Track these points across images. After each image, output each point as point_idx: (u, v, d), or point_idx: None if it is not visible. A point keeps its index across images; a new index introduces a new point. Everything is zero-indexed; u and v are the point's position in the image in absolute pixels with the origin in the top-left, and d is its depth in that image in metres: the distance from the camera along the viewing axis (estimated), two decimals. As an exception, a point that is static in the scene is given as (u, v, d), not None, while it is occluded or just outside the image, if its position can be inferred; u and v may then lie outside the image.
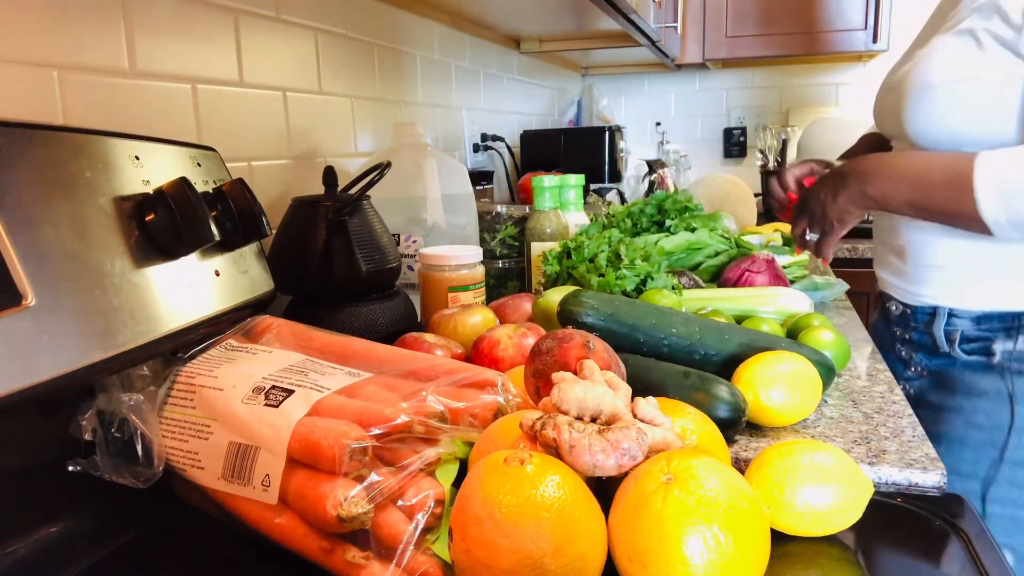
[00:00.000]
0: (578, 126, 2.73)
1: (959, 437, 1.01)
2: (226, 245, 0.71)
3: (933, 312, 1.04)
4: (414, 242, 1.15)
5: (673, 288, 1.01)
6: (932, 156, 0.93)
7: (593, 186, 2.02)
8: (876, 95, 1.12)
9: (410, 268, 1.14)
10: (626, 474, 0.49)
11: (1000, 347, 0.99)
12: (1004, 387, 0.99)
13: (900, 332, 1.11)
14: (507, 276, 1.30)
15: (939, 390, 1.06)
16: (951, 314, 1.02)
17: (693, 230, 1.29)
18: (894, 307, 1.11)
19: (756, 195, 2.29)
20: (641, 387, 0.69)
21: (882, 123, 1.10)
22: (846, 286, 1.23)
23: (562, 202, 1.28)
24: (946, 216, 0.91)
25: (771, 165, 2.58)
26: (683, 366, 0.75)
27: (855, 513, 0.53)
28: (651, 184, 2.42)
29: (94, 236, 0.56)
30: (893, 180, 0.95)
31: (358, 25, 1.28)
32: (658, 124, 3.08)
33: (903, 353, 1.11)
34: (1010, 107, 0.88)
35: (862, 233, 1.62)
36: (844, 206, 0.99)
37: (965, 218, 0.88)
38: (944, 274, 1.02)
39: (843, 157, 1.26)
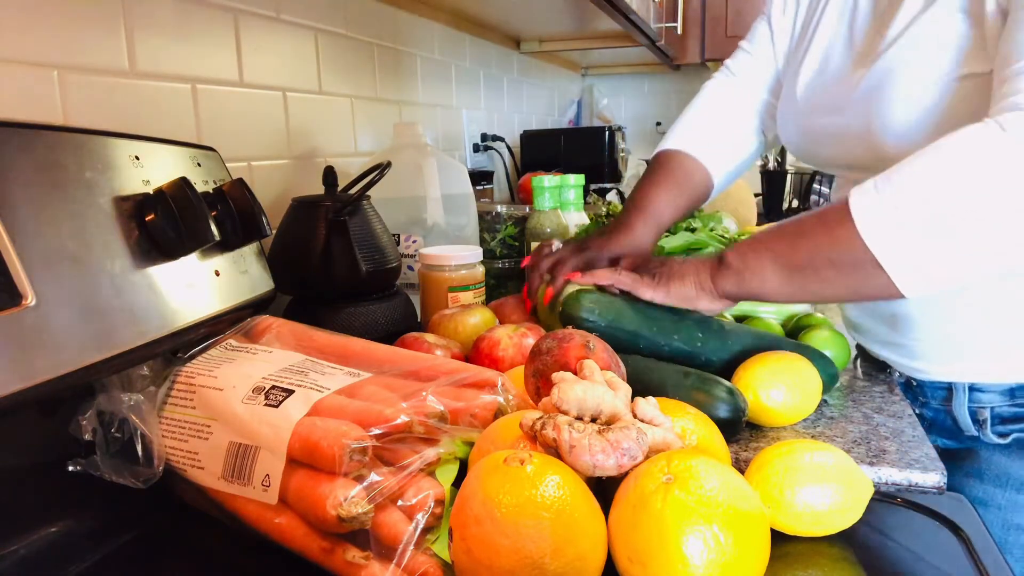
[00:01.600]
0: (578, 126, 2.73)
1: (996, 540, 0.62)
2: (226, 245, 0.71)
3: (949, 388, 0.83)
4: (414, 242, 1.15)
5: (673, 288, 1.01)
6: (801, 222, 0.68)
7: (593, 186, 2.02)
8: (809, 117, 0.87)
9: (410, 268, 1.14)
10: (626, 474, 0.49)
11: None
12: None
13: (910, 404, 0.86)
14: (507, 276, 1.30)
15: (962, 474, 0.84)
16: (973, 389, 0.81)
17: (693, 230, 1.29)
18: (897, 374, 0.89)
19: (756, 195, 2.29)
20: (641, 387, 0.69)
21: (827, 149, 0.87)
22: (846, 286, 1.23)
23: (562, 202, 1.28)
24: (822, 266, 0.64)
25: (771, 165, 2.58)
26: (684, 366, 0.75)
27: (855, 513, 0.53)
28: (651, 184, 2.41)
29: (94, 236, 0.56)
30: (755, 240, 0.70)
31: (358, 25, 1.28)
32: (658, 124, 3.08)
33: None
34: None
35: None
36: (688, 276, 0.74)
37: (844, 260, 0.63)
38: (955, 346, 0.80)
39: (634, 203, 0.94)
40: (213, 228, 0.64)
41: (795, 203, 2.38)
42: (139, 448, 0.58)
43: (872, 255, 0.60)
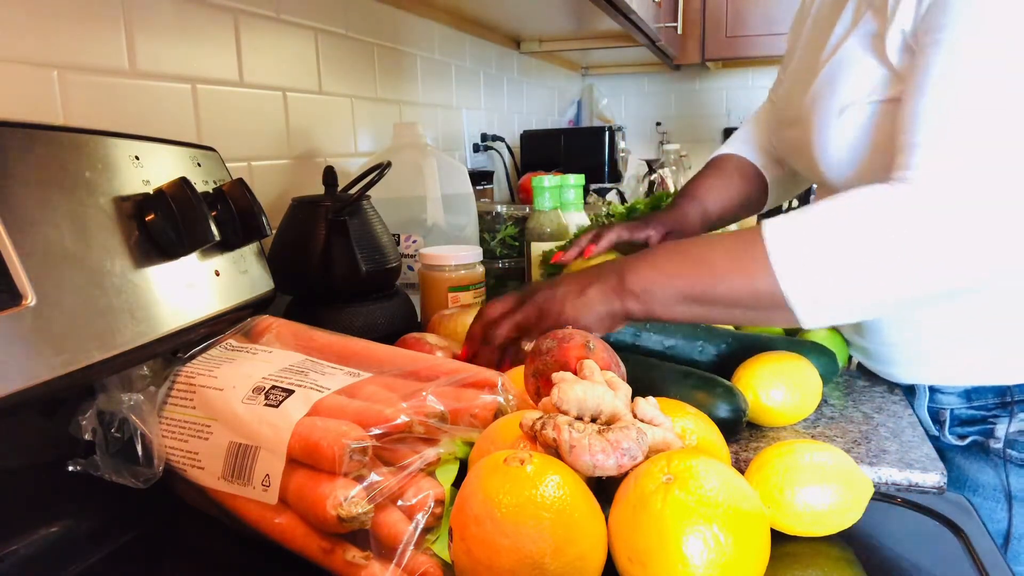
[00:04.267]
0: (578, 126, 2.73)
1: None
2: (226, 245, 0.71)
3: (912, 388, 0.86)
4: (414, 242, 1.15)
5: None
6: (710, 236, 0.72)
7: (593, 186, 2.01)
8: (776, 126, 0.95)
9: (410, 268, 1.14)
10: (626, 474, 0.49)
11: (1003, 429, 0.80)
12: (1000, 482, 0.81)
13: None
14: (507, 276, 1.30)
15: None
16: (934, 390, 0.84)
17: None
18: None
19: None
20: (641, 387, 0.69)
21: (795, 162, 0.92)
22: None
23: (562, 202, 1.28)
24: (734, 304, 0.67)
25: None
26: (684, 366, 0.75)
27: (855, 513, 0.53)
28: (651, 184, 2.42)
29: (94, 236, 0.56)
30: (659, 266, 0.68)
31: (358, 25, 1.28)
32: (658, 124, 3.08)
33: None
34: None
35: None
36: (592, 301, 0.69)
37: (758, 302, 0.65)
38: (917, 349, 0.83)
39: (685, 194, 1.03)
40: (213, 228, 0.64)
41: (795, 203, 2.38)
42: (139, 448, 0.58)
43: (784, 298, 0.64)
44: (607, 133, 2.16)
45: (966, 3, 0.62)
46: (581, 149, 2.16)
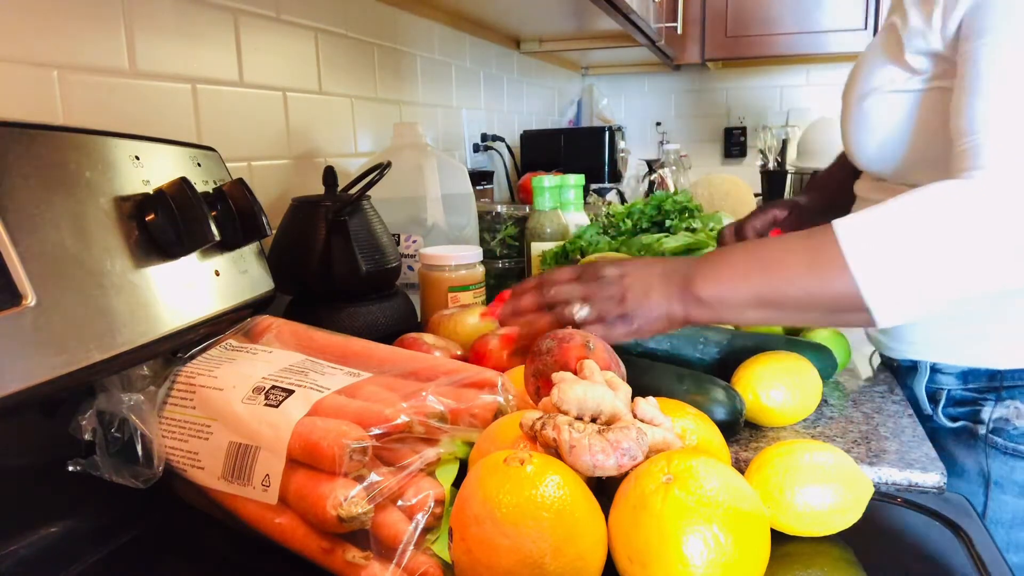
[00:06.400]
0: (578, 126, 2.73)
1: None
2: (226, 245, 0.71)
3: (914, 366, 0.88)
4: (414, 242, 1.15)
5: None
6: (782, 237, 0.71)
7: (593, 186, 2.01)
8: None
9: (410, 268, 1.14)
10: (626, 474, 0.49)
11: (988, 414, 0.82)
12: (982, 467, 0.83)
13: None
14: (507, 276, 1.30)
15: None
16: (934, 369, 0.86)
17: (693, 230, 1.29)
18: (877, 355, 0.97)
19: (756, 195, 2.29)
20: (636, 390, 0.69)
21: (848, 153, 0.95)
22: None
23: (562, 202, 1.28)
24: (808, 307, 0.65)
25: (771, 165, 2.58)
26: (682, 367, 0.75)
27: (855, 513, 0.53)
28: (651, 184, 2.42)
29: (94, 236, 0.56)
30: (731, 270, 0.67)
31: (358, 25, 1.28)
32: (658, 124, 3.08)
33: None
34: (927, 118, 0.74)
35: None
36: (652, 303, 0.67)
37: (834, 304, 0.64)
38: (924, 325, 0.84)
39: (811, 185, 1.09)
40: (213, 228, 0.64)
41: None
42: (139, 448, 0.58)
43: (863, 300, 0.62)
44: (607, 133, 2.16)
45: (1010, 3, 0.64)
46: (581, 149, 2.16)
